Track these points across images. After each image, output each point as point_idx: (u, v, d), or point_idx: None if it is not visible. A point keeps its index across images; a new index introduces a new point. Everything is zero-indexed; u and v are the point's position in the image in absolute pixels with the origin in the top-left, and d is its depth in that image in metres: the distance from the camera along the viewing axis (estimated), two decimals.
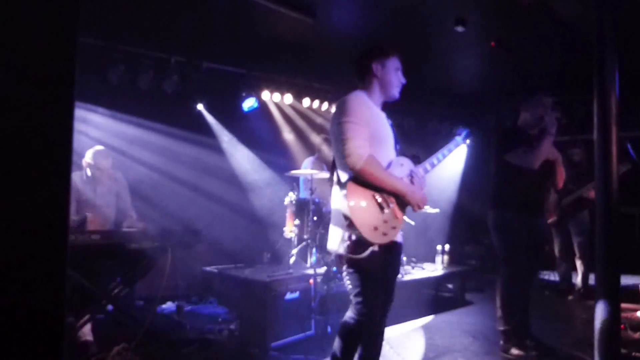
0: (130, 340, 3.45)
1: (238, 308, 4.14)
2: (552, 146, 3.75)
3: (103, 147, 4.30)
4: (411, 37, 5.24)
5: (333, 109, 6.60)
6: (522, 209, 3.74)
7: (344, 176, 2.49)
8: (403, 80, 2.76)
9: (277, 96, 6.22)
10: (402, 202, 2.55)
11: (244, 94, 5.99)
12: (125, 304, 4.05)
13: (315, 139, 6.02)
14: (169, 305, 4.84)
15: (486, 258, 7.20)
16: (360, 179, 2.43)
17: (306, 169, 5.54)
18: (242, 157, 6.16)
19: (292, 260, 5.38)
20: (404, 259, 5.89)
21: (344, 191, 2.43)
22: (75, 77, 1.34)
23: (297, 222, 5.35)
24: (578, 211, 5.44)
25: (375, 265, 2.45)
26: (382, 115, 2.69)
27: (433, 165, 2.87)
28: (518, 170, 3.69)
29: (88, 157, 4.16)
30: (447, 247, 6.02)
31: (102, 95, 5.04)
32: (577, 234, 5.46)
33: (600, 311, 2.58)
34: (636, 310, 4.29)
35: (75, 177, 4.15)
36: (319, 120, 6.85)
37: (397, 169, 2.62)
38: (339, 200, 2.48)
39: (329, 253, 2.67)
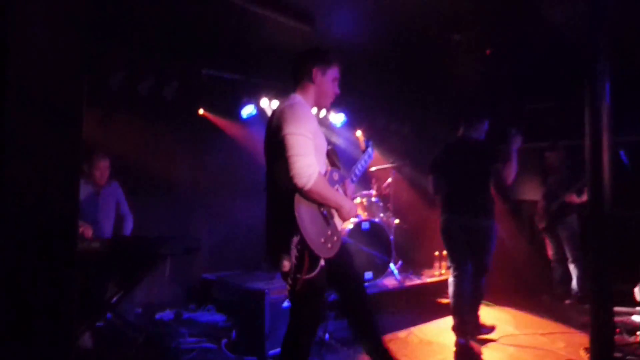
0: (129, 348, 3.47)
1: (236, 316, 4.16)
2: None
3: (102, 153, 4.34)
4: (409, 45, 5.28)
5: (332, 117, 6.74)
6: (454, 211, 4.02)
7: (286, 189, 2.34)
8: (337, 92, 2.69)
9: (275, 103, 6.24)
10: (339, 214, 2.55)
11: (243, 101, 6.02)
12: (124, 311, 4.08)
13: None
14: (167, 313, 4.85)
15: None
16: (306, 198, 2.34)
17: None
18: (242, 163, 6.18)
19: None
20: (397, 265, 5.92)
21: (290, 204, 2.30)
22: (83, 108, 1.42)
23: None
24: (565, 216, 5.48)
25: (322, 282, 2.41)
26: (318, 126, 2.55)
27: (357, 177, 2.88)
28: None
29: (88, 163, 4.20)
30: (445, 252, 6.04)
31: (103, 100, 5.07)
32: (567, 239, 5.50)
33: (594, 316, 2.61)
34: (631, 314, 4.31)
35: None
36: None
37: (332, 180, 2.57)
38: (284, 214, 2.34)
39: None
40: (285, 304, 3.87)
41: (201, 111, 5.90)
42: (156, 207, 5.29)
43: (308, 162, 2.28)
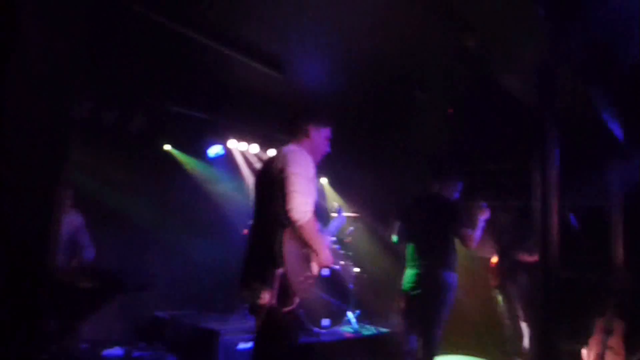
0: None
1: (188, 356, 4.06)
2: None
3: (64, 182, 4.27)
4: (375, 98, 5.51)
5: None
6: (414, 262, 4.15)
7: (278, 225, 2.50)
8: (329, 150, 2.92)
9: (243, 145, 6.32)
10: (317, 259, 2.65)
11: (210, 140, 6.07)
12: (68, 346, 3.92)
13: None
14: (116, 350, 4.67)
15: None
16: (295, 231, 2.48)
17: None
18: (204, 203, 6.16)
19: (247, 309, 5.33)
20: (355, 314, 5.92)
21: (280, 239, 2.45)
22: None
23: None
24: (517, 274, 5.62)
25: (297, 318, 2.59)
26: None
27: (331, 235, 3.04)
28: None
29: None
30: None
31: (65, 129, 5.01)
32: (518, 297, 5.62)
33: None
34: None
35: None
36: None
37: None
38: (270, 248, 2.47)
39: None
40: (241, 345, 3.82)
41: (167, 147, 5.91)
42: (113, 240, 5.18)
43: (306, 201, 2.46)
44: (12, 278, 1.34)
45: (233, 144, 6.20)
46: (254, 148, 6.40)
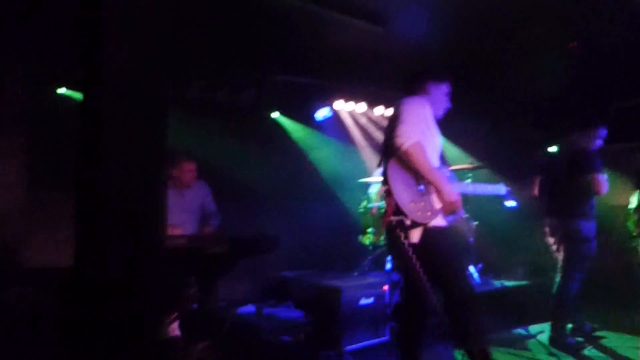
0: (213, 338, 3.66)
1: (314, 312, 4.25)
2: None
3: (186, 157, 4.61)
4: (485, 42, 5.16)
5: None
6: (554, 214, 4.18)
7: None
8: (449, 106, 2.96)
9: (350, 105, 6.31)
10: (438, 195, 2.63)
11: (317, 104, 6.14)
12: (209, 304, 4.29)
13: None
14: (249, 307, 5.03)
15: None
16: (403, 160, 2.56)
17: (377, 177, 5.59)
18: (318, 165, 6.30)
19: (367, 266, 5.43)
20: (477, 268, 5.75)
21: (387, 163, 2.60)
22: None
23: (371, 229, 5.40)
24: None
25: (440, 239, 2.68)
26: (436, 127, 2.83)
27: (470, 192, 2.93)
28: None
29: (175, 167, 4.47)
30: (526, 256, 5.81)
31: (182, 109, 5.39)
32: None
33: None
34: None
35: None
36: None
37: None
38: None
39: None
40: (363, 301, 3.91)
41: (276, 115, 6.08)
42: (235, 209, 5.51)
43: (410, 129, 2.53)
44: (128, 251, 1.44)
45: (340, 105, 6.21)
46: (362, 107, 6.36)
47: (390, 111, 6.56)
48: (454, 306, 2.58)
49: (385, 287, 4.14)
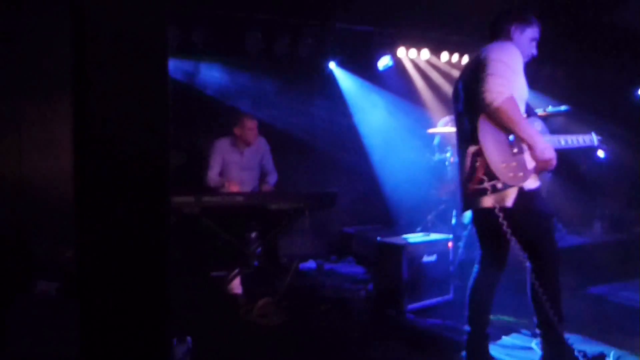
0: (273, 294, 3.69)
1: (375, 268, 4.18)
2: None
3: (249, 115, 4.56)
4: None
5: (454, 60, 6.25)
6: None
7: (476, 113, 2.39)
8: (535, 53, 2.66)
9: (413, 52, 5.98)
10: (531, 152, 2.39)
11: (378, 53, 5.87)
12: (270, 260, 4.34)
13: None
14: (310, 263, 5.06)
15: None
16: (494, 118, 2.33)
17: (443, 128, 5.31)
18: (378, 117, 6.09)
19: (430, 222, 5.26)
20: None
21: (475, 121, 2.36)
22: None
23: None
24: None
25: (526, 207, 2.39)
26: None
27: (562, 146, 2.60)
28: None
29: (237, 125, 4.44)
30: (608, 210, 5.39)
31: (243, 63, 5.31)
32: None
33: None
34: None
35: (223, 143, 4.47)
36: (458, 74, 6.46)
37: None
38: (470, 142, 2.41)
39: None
40: (425, 258, 3.77)
41: (334, 66, 5.87)
42: (296, 164, 5.48)
43: (501, 82, 2.31)
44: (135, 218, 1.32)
45: (402, 52, 5.90)
46: (425, 54, 6.01)
47: (463, 58, 6.19)
48: (541, 273, 2.44)
49: (450, 244, 3.98)
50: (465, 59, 6.29)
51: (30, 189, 3.70)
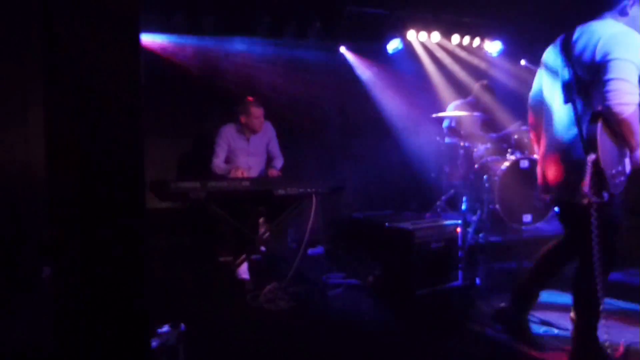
0: (281, 280, 3.69)
1: (384, 255, 4.15)
2: None
3: (253, 98, 4.51)
4: None
5: (487, 45, 6.14)
6: None
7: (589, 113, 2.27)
8: None
9: (423, 35, 5.88)
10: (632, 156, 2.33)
11: (387, 36, 5.78)
12: (278, 246, 4.33)
13: (474, 85, 5.61)
14: (318, 249, 5.04)
15: None
16: (612, 124, 2.20)
17: (453, 112, 5.24)
18: (387, 101, 6.01)
19: (440, 207, 5.21)
20: None
21: (595, 125, 2.21)
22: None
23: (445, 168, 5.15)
24: None
25: (616, 212, 2.36)
26: None
27: None
28: None
29: (243, 113, 4.40)
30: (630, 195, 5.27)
31: (252, 46, 5.26)
32: None
33: None
34: None
35: (229, 129, 4.44)
36: (470, 58, 6.34)
37: None
38: (577, 137, 2.32)
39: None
40: (434, 244, 3.73)
41: (343, 49, 5.79)
42: (305, 150, 5.44)
43: (630, 90, 2.14)
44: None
45: (412, 35, 5.79)
46: (435, 37, 5.90)
47: (475, 41, 6.06)
48: (607, 272, 2.39)
49: (459, 230, 3.93)
50: (477, 42, 6.18)
51: (38, 176, 3.71)
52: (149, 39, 4.88)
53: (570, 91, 2.39)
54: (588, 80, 2.30)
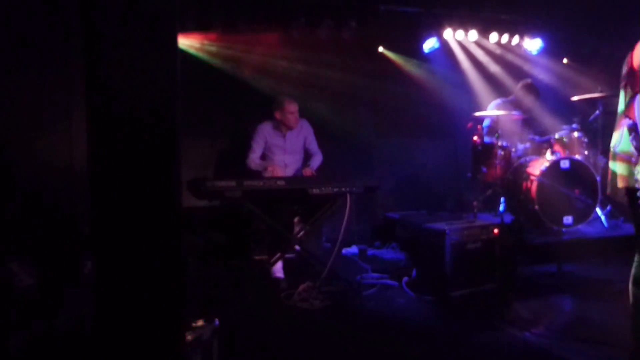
0: (315, 279, 3.70)
1: (418, 255, 4.11)
2: None
3: (291, 99, 4.55)
4: None
5: (527, 43, 5.99)
6: None
7: None
8: None
9: (460, 34, 5.79)
10: None
11: (424, 35, 5.72)
12: (313, 245, 4.35)
13: (515, 86, 5.50)
14: (353, 249, 5.04)
15: None
16: None
17: (493, 111, 5.13)
18: (423, 102, 5.95)
19: (477, 208, 5.12)
20: (605, 210, 5.15)
21: None
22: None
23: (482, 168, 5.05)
24: None
25: None
26: None
27: None
28: None
29: (278, 109, 4.45)
30: None
31: (285, 48, 5.30)
32: None
33: None
34: None
35: (266, 126, 4.50)
36: (509, 57, 6.21)
37: None
38: None
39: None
40: (470, 245, 3.68)
41: (380, 49, 5.76)
42: (340, 149, 5.44)
43: None
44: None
45: (449, 34, 5.72)
46: (473, 35, 5.80)
47: (514, 39, 5.93)
48: None
49: (496, 231, 3.85)
50: (516, 39, 6.05)
51: (81, 175, 3.85)
52: (186, 40, 4.98)
53: None
54: None
